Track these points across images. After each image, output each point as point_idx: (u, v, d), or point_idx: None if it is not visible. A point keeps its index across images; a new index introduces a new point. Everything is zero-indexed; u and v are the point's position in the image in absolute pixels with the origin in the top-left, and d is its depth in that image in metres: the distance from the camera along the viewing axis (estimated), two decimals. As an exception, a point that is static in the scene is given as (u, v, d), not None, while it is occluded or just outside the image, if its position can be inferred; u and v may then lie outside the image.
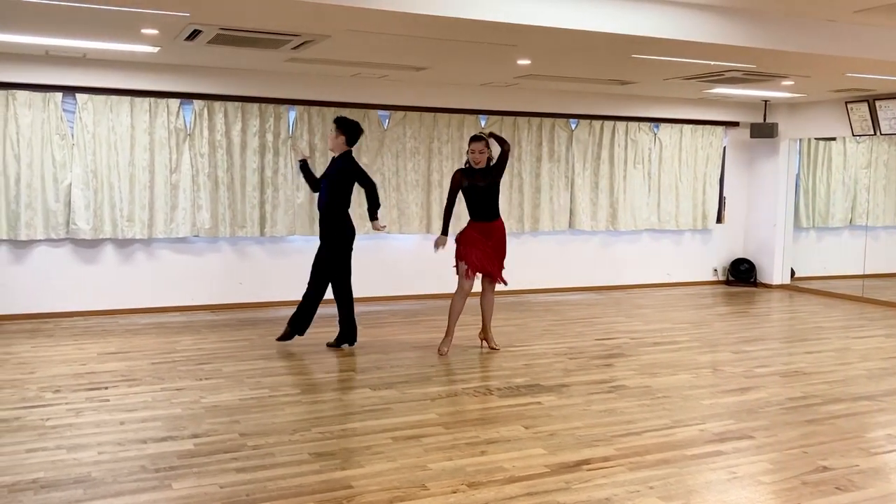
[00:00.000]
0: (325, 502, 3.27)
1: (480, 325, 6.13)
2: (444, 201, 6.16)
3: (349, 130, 5.93)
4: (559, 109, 8.62)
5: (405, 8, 4.49)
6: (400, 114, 8.06)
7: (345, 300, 6.00)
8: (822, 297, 9.19)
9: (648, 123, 9.22)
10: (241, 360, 5.66)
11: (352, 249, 6.03)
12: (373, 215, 6.03)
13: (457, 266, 5.86)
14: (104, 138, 7.00)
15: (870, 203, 9.91)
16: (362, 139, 7.86)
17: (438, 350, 5.90)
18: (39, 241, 6.96)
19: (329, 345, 6.05)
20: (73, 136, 6.93)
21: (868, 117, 8.42)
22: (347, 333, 6.05)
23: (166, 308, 7.41)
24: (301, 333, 6.06)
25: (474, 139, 5.85)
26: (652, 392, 5.00)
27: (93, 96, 6.92)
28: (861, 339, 6.85)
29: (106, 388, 4.89)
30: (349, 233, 5.99)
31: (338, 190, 5.93)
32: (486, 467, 3.67)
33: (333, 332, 6.10)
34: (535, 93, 8.39)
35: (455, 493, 3.38)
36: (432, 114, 8.16)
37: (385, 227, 6.27)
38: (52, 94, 6.79)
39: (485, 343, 6.12)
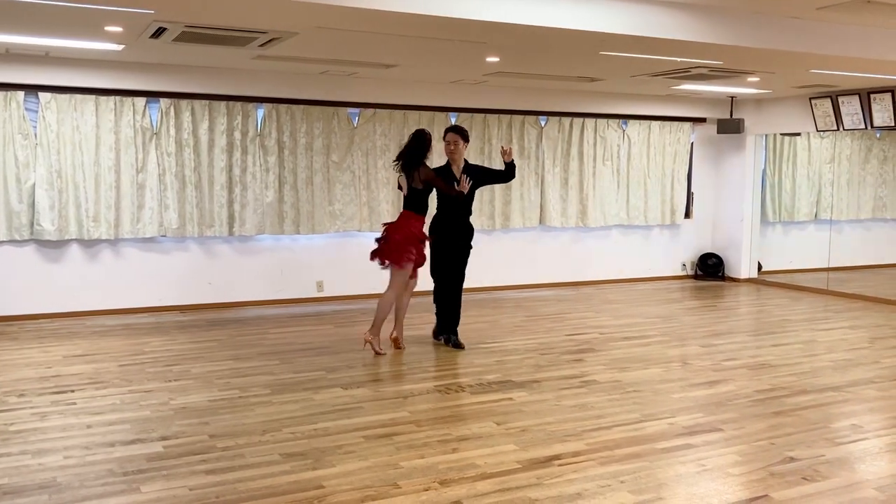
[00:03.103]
0: (297, 503, 3.25)
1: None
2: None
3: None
4: (529, 107, 8.66)
5: (372, 5, 4.47)
6: (369, 111, 8.03)
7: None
8: (788, 290, 9.32)
9: (617, 120, 9.29)
10: (210, 360, 5.60)
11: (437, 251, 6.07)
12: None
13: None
14: (68, 138, 6.89)
15: (834, 197, 10.08)
16: (332, 137, 7.86)
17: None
18: (3, 242, 6.83)
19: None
20: (36, 135, 6.81)
21: (831, 113, 8.56)
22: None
23: (134, 309, 7.31)
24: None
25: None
26: (622, 386, 5.04)
27: (56, 95, 6.80)
28: (826, 331, 6.96)
29: (72, 391, 4.81)
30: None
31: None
32: (458, 464, 3.67)
33: (303, 332, 6.05)
34: (505, 90, 8.41)
35: (427, 490, 3.37)
36: (402, 111, 8.14)
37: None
38: (13, 92, 6.67)
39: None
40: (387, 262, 5.75)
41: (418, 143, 5.73)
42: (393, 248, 5.71)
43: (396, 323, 5.94)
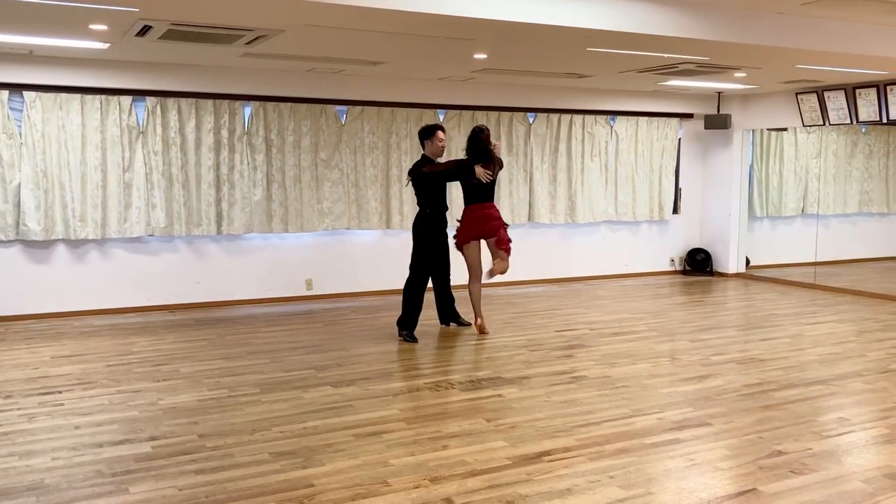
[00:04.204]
0: (286, 502, 3.24)
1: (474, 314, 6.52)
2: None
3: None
4: (517, 103, 8.66)
5: (359, 2, 4.45)
6: (357, 109, 8.01)
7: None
8: (776, 284, 9.37)
9: (605, 116, 9.31)
10: (199, 360, 5.58)
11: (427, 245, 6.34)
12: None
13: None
14: (54, 137, 6.84)
15: (820, 192, 10.14)
16: (320, 135, 7.85)
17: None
18: (-12, 243, 6.80)
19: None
20: (21, 134, 6.76)
21: (817, 108, 8.60)
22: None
23: (122, 309, 7.28)
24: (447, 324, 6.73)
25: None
26: (611, 382, 5.05)
27: (41, 94, 6.75)
28: (814, 325, 7.00)
29: (60, 391, 4.78)
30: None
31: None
32: (448, 461, 3.67)
33: (287, 330, 6.03)
34: (493, 87, 8.41)
35: (417, 488, 3.38)
36: (390, 108, 8.13)
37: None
38: (-3, 91, 6.63)
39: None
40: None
41: (485, 139, 6.23)
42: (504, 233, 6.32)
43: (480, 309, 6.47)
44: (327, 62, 6.78)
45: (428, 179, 6.16)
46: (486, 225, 6.24)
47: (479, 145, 6.20)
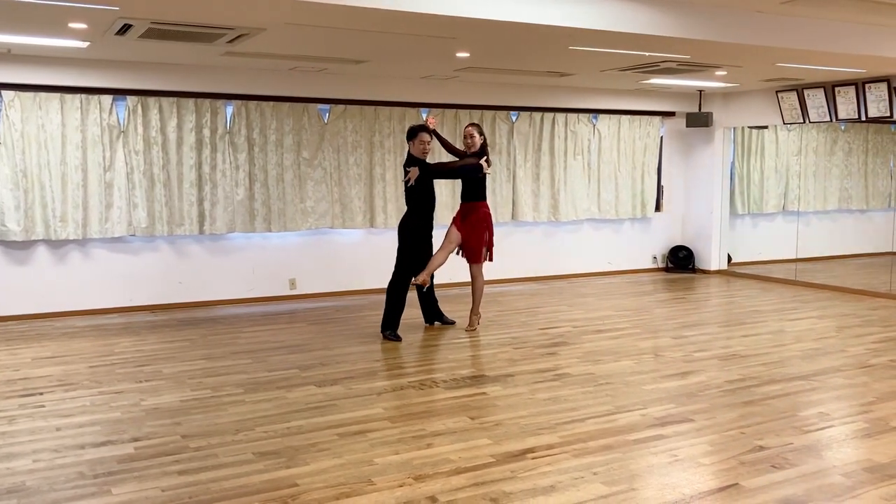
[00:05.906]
0: (270, 501, 3.23)
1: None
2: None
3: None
4: (500, 102, 8.67)
5: (341, 0, 4.44)
6: (340, 107, 7.99)
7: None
8: (757, 281, 9.45)
9: (587, 115, 9.34)
10: (181, 360, 5.55)
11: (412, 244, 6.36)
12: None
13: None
14: (34, 137, 6.78)
15: (801, 189, 10.23)
16: (302, 134, 7.82)
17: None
18: (-33, 244, 6.72)
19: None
20: (-1, 134, 6.70)
21: (797, 106, 8.67)
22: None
23: (104, 310, 7.22)
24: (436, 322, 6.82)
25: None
26: (595, 379, 5.08)
27: (20, 93, 6.69)
28: (795, 321, 7.07)
29: (41, 393, 4.75)
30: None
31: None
32: (433, 460, 3.68)
33: (270, 330, 6.01)
34: (476, 85, 8.42)
35: (401, 486, 3.38)
36: (373, 107, 8.12)
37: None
38: (-25, 91, 6.56)
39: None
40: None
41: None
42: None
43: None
44: (309, 61, 6.77)
45: (434, 175, 6.30)
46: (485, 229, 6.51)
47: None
